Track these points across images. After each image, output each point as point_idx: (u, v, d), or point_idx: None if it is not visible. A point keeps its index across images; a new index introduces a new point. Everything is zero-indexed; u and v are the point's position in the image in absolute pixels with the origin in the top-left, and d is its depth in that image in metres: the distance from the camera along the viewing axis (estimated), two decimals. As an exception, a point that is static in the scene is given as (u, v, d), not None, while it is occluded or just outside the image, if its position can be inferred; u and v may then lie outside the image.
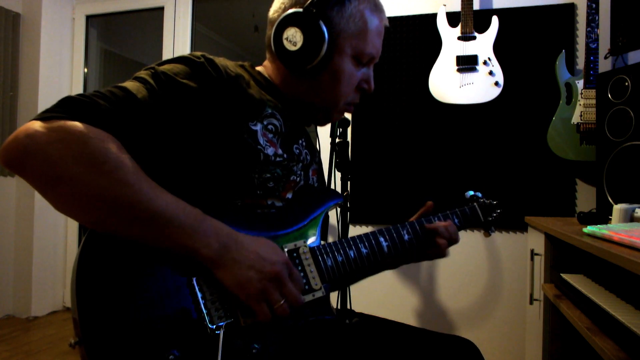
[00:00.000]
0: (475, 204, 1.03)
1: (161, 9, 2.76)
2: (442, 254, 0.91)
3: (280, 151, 0.79)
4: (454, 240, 0.91)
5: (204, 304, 0.63)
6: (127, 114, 0.64)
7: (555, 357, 1.44)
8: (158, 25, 2.77)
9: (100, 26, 3.17)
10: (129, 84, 0.68)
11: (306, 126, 0.94)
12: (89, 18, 2.96)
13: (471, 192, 1.04)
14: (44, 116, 0.59)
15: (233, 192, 0.74)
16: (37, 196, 2.73)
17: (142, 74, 0.70)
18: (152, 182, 0.61)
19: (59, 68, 2.87)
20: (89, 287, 0.57)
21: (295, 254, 0.74)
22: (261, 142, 0.76)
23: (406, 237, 0.88)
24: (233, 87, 0.75)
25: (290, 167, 0.81)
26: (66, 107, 0.60)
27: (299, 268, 0.74)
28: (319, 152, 0.99)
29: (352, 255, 0.80)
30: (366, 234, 0.84)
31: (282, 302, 0.65)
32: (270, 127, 0.79)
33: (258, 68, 0.89)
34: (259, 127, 0.76)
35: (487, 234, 1.03)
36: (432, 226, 0.90)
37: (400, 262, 0.97)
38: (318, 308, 0.76)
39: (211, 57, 0.75)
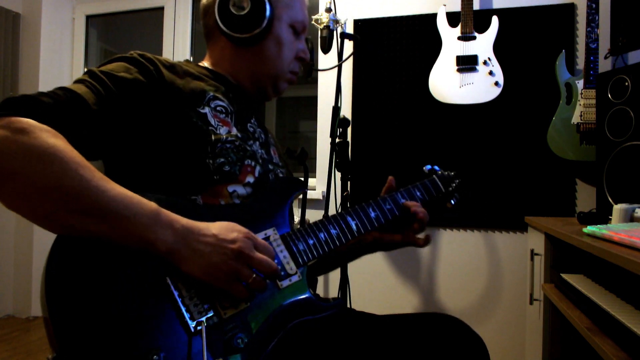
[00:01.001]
0: (434, 175, 1.09)
1: (161, 9, 2.76)
2: (415, 240, 0.95)
3: (234, 130, 0.82)
4: (425, 221, 0.95)
5: (181, 302, 0.62)
6: (70, 109, 0.65)
7: (555, 357, 1.44)
8: (158, 25, 2.77)
9: (100, 26, 3.17)
10: (70, 85, 0.69)
11: (255, 106, 0.97)
12: (89, 18, 2.96)
13: (429, 166, 1.08)
14: None
15: (191, 182, 0.74)
16: (37, 196, 2.74)
17: (81, 76, 0.72)
18: (103, 176, 0.61)
19: (59, 68, 2.87)
20: (60, 297, 0.55)
21: None
22: (213, 123, 0.79)
23: (372, 214, 0.91)
24: (171, 77, 0.78)
25: (245, 147, 0.82)
26: (10, 105, 0.60)
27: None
28: (270, 132, 1.01)
29: (323, 236, 0.81)
30: (334, 215, 0.87)
31: (254, 275, 0.64)
32: (218, 108, 0.82)
33: (199, 63, 0.94)
34: (207, 109, 0.79)
35: (450, 204, 1.06)
36: (407, 204, 0.96)
37: (376, 247, 1.00)
38: (299, 302, 0.74)
39: (144, 52, 0.78)
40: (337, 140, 1.64)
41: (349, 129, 1.93)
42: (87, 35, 2.96)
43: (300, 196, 0.96)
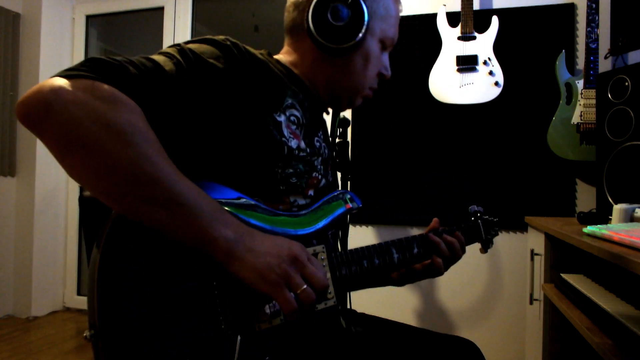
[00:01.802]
0: (479, 220, 1.00)
1: (161, 9, 2.76)
2: (438, 271, 0.89)
3: (303, 144, 0.78)
4: (456, 257, 0.89)
5: (221, 308, 0.61)
6: (154, 85, 0.60)
7: (555, 357, 1.44)
8: (158, 25, 2.77)
9: (100, 26, 3.17)
10: (157, 57, 0.64)
11: (325, 114, 0.93)
12: (89, 18, 2.96)
13: (475, 207, 1.03)
14: (69, 74, 0.54)
15: (255, 187, 0.71)
16: (37, 196, 2.74)
17: (169, 49, 0.67)
18: (174, 166, 0.58)
19: (59, 68, 2.83)
20: (111, 280, 0.56)
21: None
22: (285, 134, 0.74)
23: (415, 250, 0.86)
24: (258, 73, 0.73)
25: (312, 162, 0.80)
26: (94, 68, 0.56)
27: None
28: (333, 148, 0.99)
29: (366, 265, 0.78)
30: (379, 245, 0.83)
31: (304, 286, 0.60)
32: (292, 118, 0.77)
33: (276, 56, 0.87)
34: (282, 118, 0.75)
35: (484, 250, 1.02)
36: (435, 239, 0.88)
37: (405, 280, 0.94)
38: (328, 316, 0.75)
39: (236, 41, 0.73)
40: (337, 140, 1.64)
41: (349, 129, 1.93)
42: (87, 35, 2.96)
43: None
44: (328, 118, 1.51)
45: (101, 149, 0.52)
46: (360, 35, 0.77)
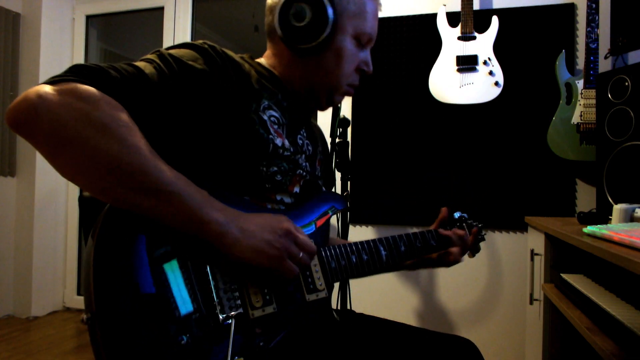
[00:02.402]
0: (464, 224, 1.07)
1: (161, 9, 2.76)
2: (455, 259, 0.99)
3: (287, 143, 0.81)
4: (467, 248, 1.01)
5: (215, 293, 0.63)
6: (136, 87, 0.63)
7: (555, 357, 1.44)
8: (158, 25, 2.77)
9: (100, 26, 3.17)
10: (137, 63, 0.67)
11: (307, 115, 0.95)
12: (89, 18, 2.96)
13: (458, 213, 1.09)
14: (53, 80, 0.57)
15: (241, 185, 0.74)
16: (37, 196, 2.74)
17: (149, 55, 0.70)
18: (159, 157, 0.60)
19: (59, 68, 2.85)
20: (106, 265, 0.57)
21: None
22: (271, 131, 0.78)
23: (402, 248, 0.92)
24: (236, 74, 0.76)
25: (296, 160, 0.83)
26: (77, 72, 0.59)
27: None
28: (321, 143, 1.01)
29: (355, 260, 0.84)
30: (367, 242, 0.88)
31: (301, 253, 0.68)
32: (272, 118, 0.80)
33: (258, 60, 0.90)
34: (266, 117, 0.78)
35: (471, 255, 1.07)
36: (446, 233, 0.99)
37: (418, 266, 1.04)
38: (320, 308, 0.76)
39: (214, 44, 0.76)
40: (337, 140, 1.64)
41: (349, 129, 1.93)
42: (87, 35, 2.96)
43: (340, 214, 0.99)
44: (326, 116, 1.52)
45: (87, 145, 0.55)
46: (325, 34, 0.79)
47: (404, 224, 2.21)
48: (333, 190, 1.07)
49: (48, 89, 0.55)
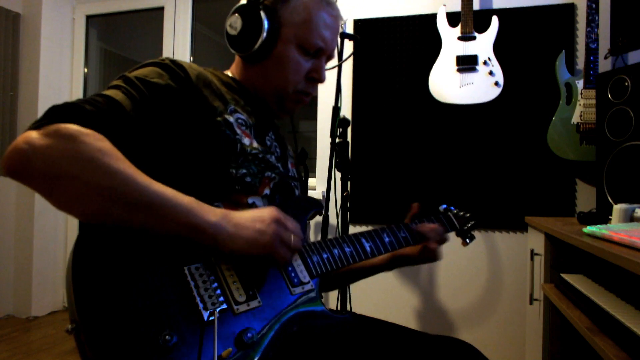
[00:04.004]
0: (449, 212, 1.11)
1: (161, 9, 2.76)
2: (434, 257, 1.00)
3: (255, 142, 0.84)
4: (442, 241, 1.01)
5: (196, 292, 0.65)
6: (110, 115, 0.68)
7: (555, 357, 1.44)
8: (158, 25, 2.77)
9: (100, 26, 3.17)
10: (107, 91, 0.72)
11: (272, 118, 0.99)
12: (89, 18, 2.96)
13: (444, 206, 1.12)
14: (36, 125, 0.62)
15: (213, 189, 0.77)
16: (37, 196, 2.72)
17: (115, 82, 0.75)
18: (143, 173, 0.65)
19: (59, 68, 2.87)
20: (85, 275, 0.59)
21: None
22: (238, 132, 0.81)
23: (386, 239, 0.94)
24: (199, 83, 0.80)
25: (267, 159, 0.86)
26: (55, 114, 0.64)
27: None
28: (290, 146, 1.05)
29: (337, 252, 0.86)
30: (349, 235, 0.90)
31: (292, 237, 0.72)
32: (240, 120, 0.84)
33: (225, 71, 0.95)
34: (232, 119, 0.82)
35: (465, 242, 1.10)
36: (420, 229, 0.98)
37: (395, 264, 1.04)
38: (310, 313, 0.77)
39: (175, 59, 0.81)
40: (337, 140, 1.64)
41: (349, 129, 1.93)
42: (87, 35, 2.96)
43: (319, 217, 0.99)
44: (326, 116, 1.51)
45: (78, 178, 0.60)
46: (259, 42, 0.84)
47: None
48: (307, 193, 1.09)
49: (34, 134, 0.61)
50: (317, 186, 2.35)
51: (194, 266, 0.67)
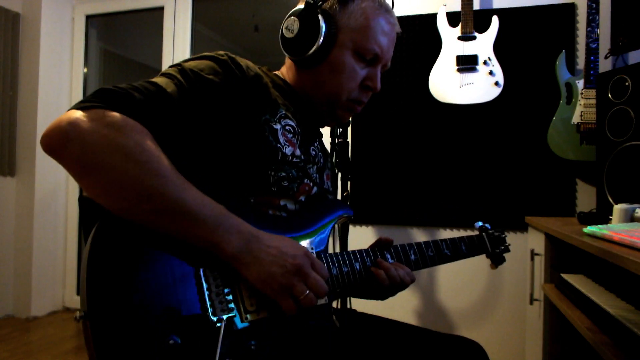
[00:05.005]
0: (484, 233, 1.04)
1: (161, 9, 2.76)
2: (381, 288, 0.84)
3: (298, 151, 0.82)
4: (396, 282, 0.85)
5: (208, 295, 0.64)
6: (159, 107, 0.66)
7: (555, 357, 1.44)
8: (158, 25, 2.76)
9: (100, 26, 3.17)
10: (159, 79, 0.70)
11: (320, 127, 0.96)
12: (89, 18, 2.95)
13: (480, 223, 1.06)
14: (82, 105, 0.61)
15: (248, 188, 0.76)
16: (37, 196, 2.74)
17: (170, 70, 0.73)
18: (181, 177, 0.64)
19: (59, 68, 2.87)
20: (100, 268, 0.58)
21: None
22: (281, 140, 0.79)
23: (412, 257, 0.90)
24: (254, 85, 0.78)
25: (306, 169, 0.84)
26: (103, 97, 0.63)
27: None
28: (330, 157, 1.02)
29: (358, 267, 0.82)
30: (373, 249, 0.86)
31: (307, 292, 0.66)
32: (287, 127, 0.82)
33: (276, 72, 0.92)
34: (278, 126, 0.80)
35: (494, 266, 1.04)
36: (382, 264, 0.84)
37: (386, 293, 0.89)
38: (319, 315, 0.76)
39: (234, 55, 0.78)
40: (337, 140, 1.64)
41: (349, 129, 1.93)
42: (87, 35, 2.96)
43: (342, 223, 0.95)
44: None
45: (112, 170, 0.59)
46: (316, 46, 0.81)
47: (404, 224, 2.21)
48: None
49: (79, 115, 0.60)
50: (317, 186, 2.34)
51: (209, 268, 0.65)
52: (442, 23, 2.03)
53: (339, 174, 1.64)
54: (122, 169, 0.59)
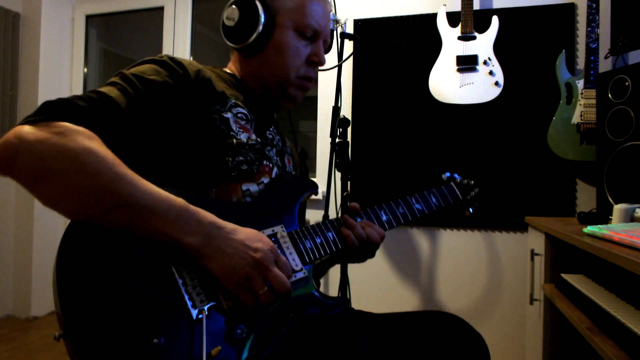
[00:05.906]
0: (452, 183, 1.08)
1: (161, 8, 2.76)
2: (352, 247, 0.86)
3: (254, 136, 0.84)
4: (363, 240, 0.87)
5: (184, 290, 0.64)
6: (104, 112, 0.68)
7: (555, 357, 1.44)
8: (158, 25, 2.76)
9: (100, 26, 3.17)
10: (102, 88, 0.72)
11: (276, 112, 0.99)
12: (88, 18, 2.96)
13: (448, 174, 1.08)
14: (28, 120, 0.63)
15: (209, 178, 0.76)
16: (37, 196, 2.74)
17: (112, 79, 0.75)
18: (135, 174, 0.64)
19: (59, 68, 2.87)
20: (69, 280, 0.58)
21: (273, 239, 0.76)
22: (234, 128, 0.81)
23: (384, 217, 0.93)
24: (197, 80, 0.79)
25: (264, 151, 0.85)
26: (48, 110, 0.64)
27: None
28: (287, 141, 1.04)
29: (331, 236, 0.84)
30: (337, 219, 0.88)
31: (265, 289, 0.66)
32: (240, 115, 0.84)
33: (223, 68, 0.95)
34: (229, 115, 0.81)
35: (468, 212, 1.06)
36: (348, 222, 0.87)
37: (361, 254, 0.93)
38: (304, 298, 0.76)
39: (174, 56, 0.81)
40: (337, 140, 1.64)
41: (349, 129, 1.93)
42: (87, 35, 2.96)
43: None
44: (326, 116, 1.51)
45: (64, 175, 0.60)
46: (258, 31, 0.84)
47: (403, 224, 2.21)
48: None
49: (26, 129, 0.62)
50: (317, 186, 2.34)
51: (181, 264, 0.66)
52: (442, 23, 2.03)
53: (339, 174, 1.64)
54: (72, 172, 0.60)
